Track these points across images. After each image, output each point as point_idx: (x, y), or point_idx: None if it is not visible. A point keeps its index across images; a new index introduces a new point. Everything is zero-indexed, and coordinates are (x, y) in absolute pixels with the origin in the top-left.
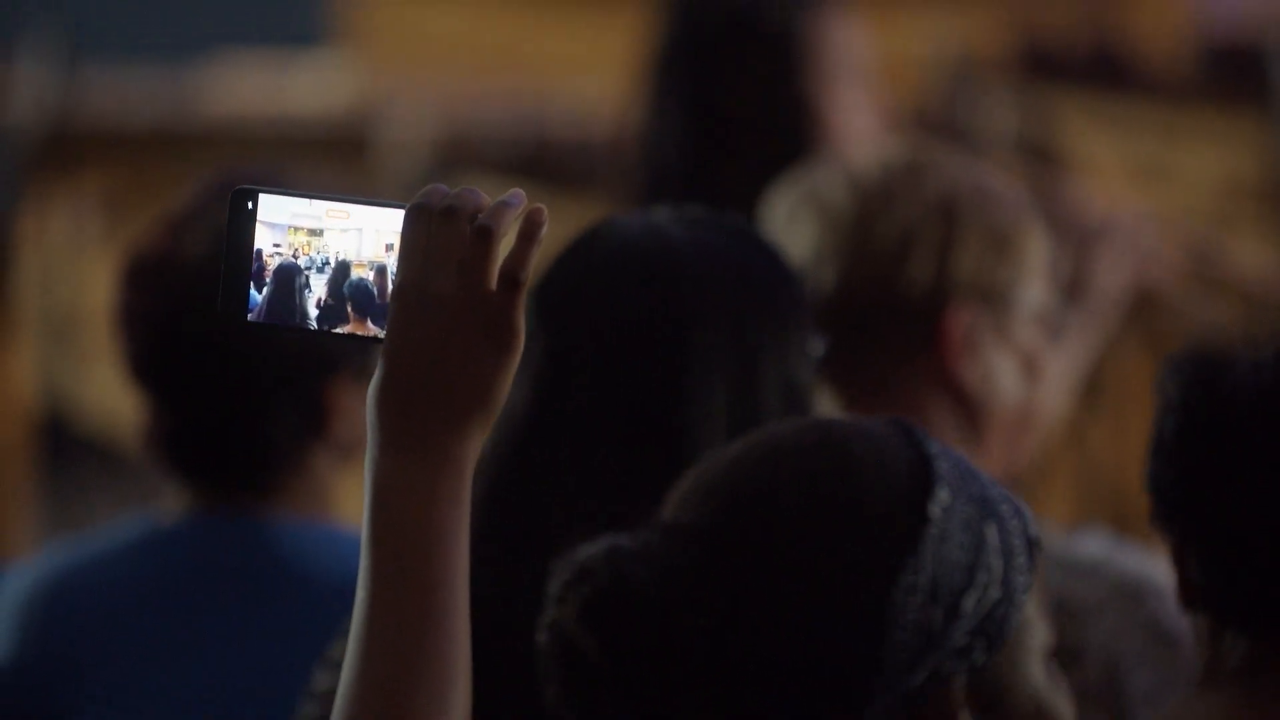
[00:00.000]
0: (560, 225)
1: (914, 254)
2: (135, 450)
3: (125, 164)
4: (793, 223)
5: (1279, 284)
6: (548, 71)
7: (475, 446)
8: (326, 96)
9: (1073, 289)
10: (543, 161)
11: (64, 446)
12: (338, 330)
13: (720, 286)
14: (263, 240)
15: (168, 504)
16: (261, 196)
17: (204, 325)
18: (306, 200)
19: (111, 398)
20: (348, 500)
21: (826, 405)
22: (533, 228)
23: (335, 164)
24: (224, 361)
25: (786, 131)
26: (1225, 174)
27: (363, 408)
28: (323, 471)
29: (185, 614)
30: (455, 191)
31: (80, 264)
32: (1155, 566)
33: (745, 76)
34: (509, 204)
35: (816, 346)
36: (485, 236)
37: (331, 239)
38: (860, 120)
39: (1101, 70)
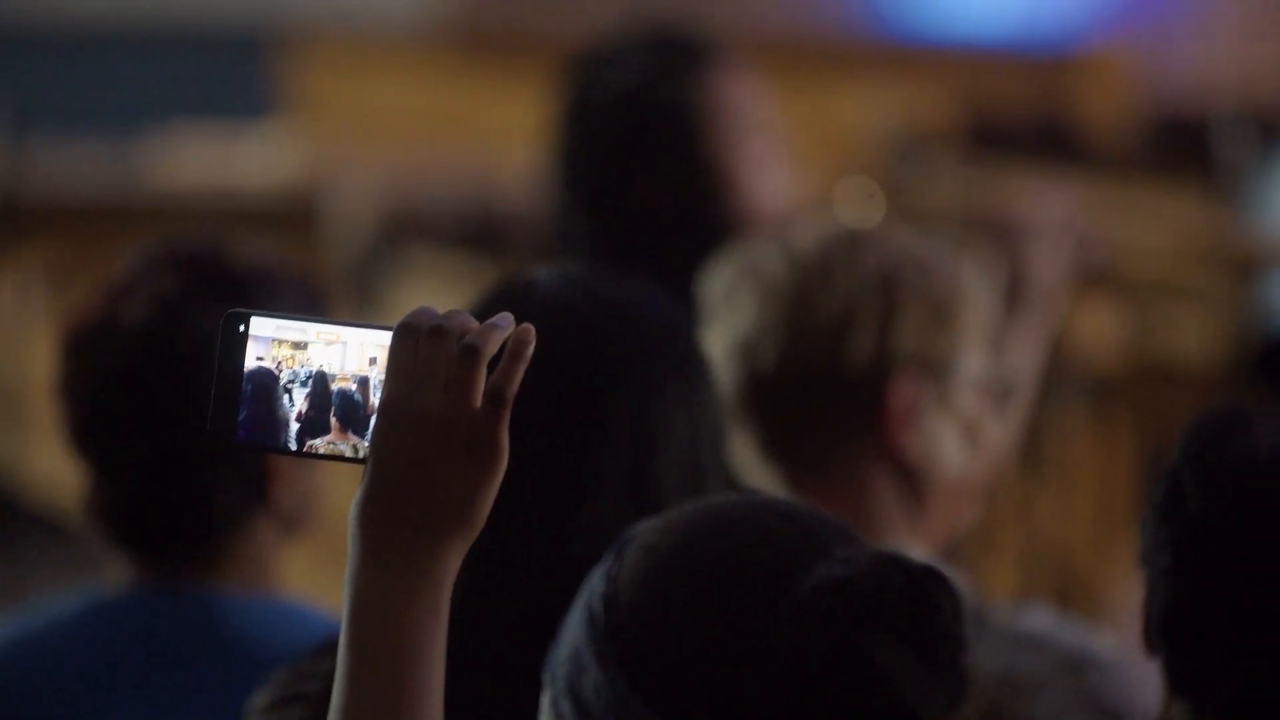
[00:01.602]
0: None
1: (855, 328)
2: (81, 523)
3: (72, 236)
4: (731, 299)
5: (1222, 356)
6: (495, 143)
7: (455, 561)
8: (273, 169)
9: (1013, 288)
10: (490, 233)
11: (10, 520)
12: (321, 452)
13: (627, 345)
14: (248, 353)
15: (112, 576)
16: (253, 318)
17: (146, 399)
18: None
19: (57, 470)
20: (292, 573)
21: (769, 482)
22: (520, 347)
23: (282, 236)
24: (164, 430)
25: (697, 204)
26: (1170, 247)
27: (306, 476)
28: (266, 542)
29: (129, 688)
30: (443, 312)
31: (26, 336)
32: (1099, 641)
33: (646, 161)
34: (497, 325)
35: (720, 410)
36: (472, 355)
37: (315, 352)
38: (771, 175)
39: (1047, 143)
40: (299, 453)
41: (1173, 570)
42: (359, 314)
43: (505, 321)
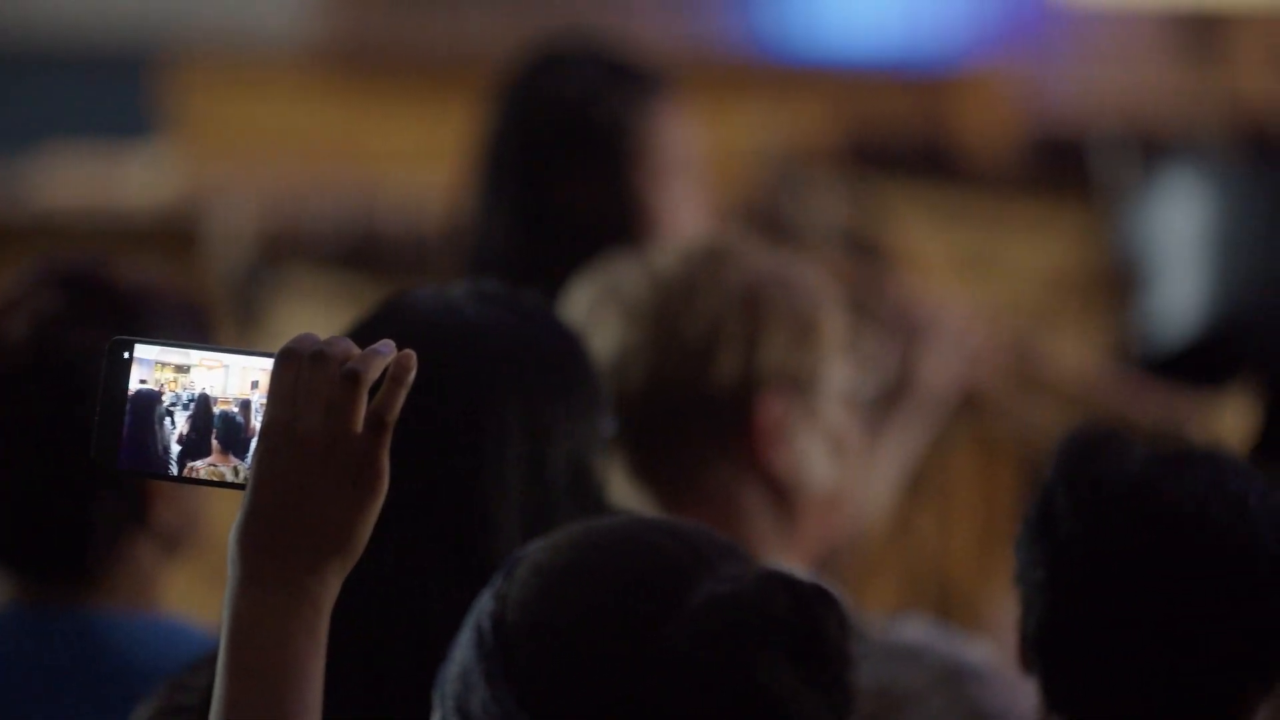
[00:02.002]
0: None
1: (720, 347)
2: None
3: None
4: (594, 319)
5: (1100, 376)
6: (376, 163)
7: (335, 584)
8: (154, 188)
9: (898, 384)
10: (371, 253)
11: None
12: (203, 475)
13: (512, 364)
14: (131, 378)
15: None
16: (136, 345)
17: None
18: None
19: None
20: (171, 592)
21: (639, 504)
22: (401, 372)
23: (164, 256)
24: (44, 449)
25: (615, 227)
26: (1049, 266)
27: (188, 496)
28: (147, 561)
29: (8, 708)
30: (325, 338)
31: None
32: (976, 652)
33: (574, 171)
34: (378, 351)
35: (608, 426)
36: (353, 381)
37: (198, 376)
38: (690, 216)
39: (928, 163)
40: (180, 477)
41: (1047, 588)
42: (240, 333)
43: (386, 348)
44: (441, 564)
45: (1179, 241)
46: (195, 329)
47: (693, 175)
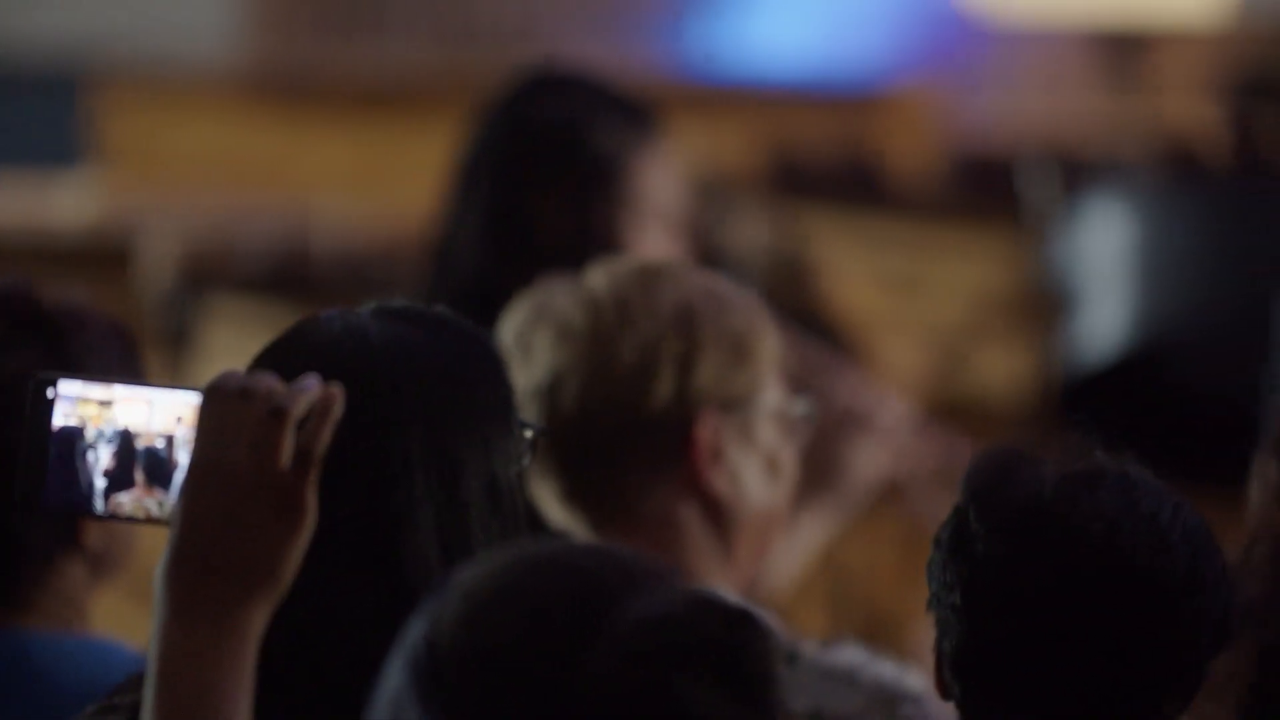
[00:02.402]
0: None
1: (656, 368)
2: None
3: None
4: (527, 339)
5: (1028, 394)
6: (306, 187)
7: (260, 618)
8: (84, 213)
9: (825, 468)
10: (300, 277)
11: None
12: (128, 510)
13: (418, 383)
14: (55, 413)
15: None
16: (60, 381)
17: None
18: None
19: None
20: (98, 612)
21: (572, 527)
22: (327, 407)
23: (92, 281)
24: None
25: (586, 258)
26: (975, 288)
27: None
28: (78, 583)
29: None
30: (251, 375)
31: None
32: (909, 674)
33: (556, 195)
34: (303, 387)
35: (527, 443)
36: (278, 416)
37: (122, 410)
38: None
39: (853, 185)
40: (105, 514)
41: (962, 611)
42: (169, 359)
43: (312, 383)
44: (357, 589)
45: (1104, 263)
46: (123, 352)
47: (672, 225)
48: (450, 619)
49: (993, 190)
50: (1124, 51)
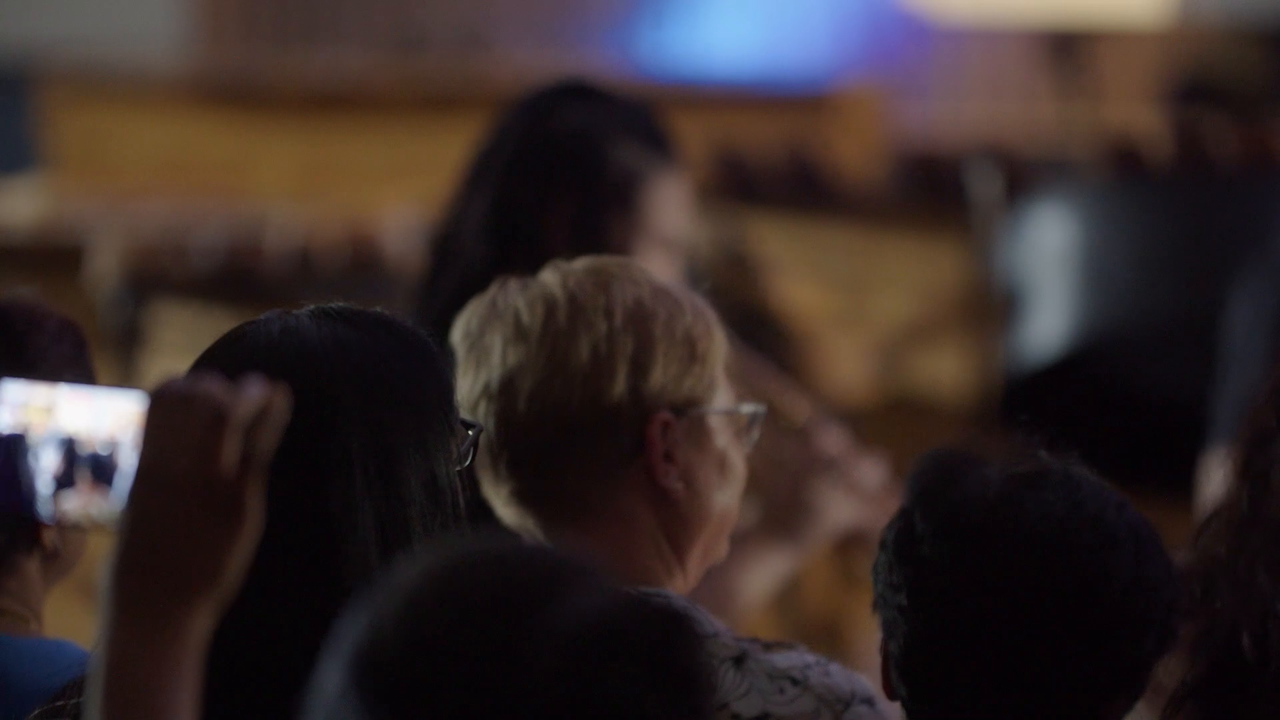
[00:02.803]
0: None
1: (609, 369)
2: None
3: None
4: (480, 340)
5: (973, 394)
6: (258, 193)
7: (204, 620)
8: (34, 216)
9: (800, 510)
10: (248, 280)
11: None
12: (73, 514)
13: (356, 384)
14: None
15: None
16: (3, 384)
17: None
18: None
19: None
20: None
21: (524, 527)
22: (272, 410)
23: (41, 283)
24: None
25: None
26: (920, 287)
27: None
28: (34, 583)
29: None
30: (194, 378)
31: None
32: (858, 677)
33: (566, 203)
34: (248, 390)
35: (465, 440)
36: (220, 420)
37: (65, 414)
38: None
39: (799, 185)
40: (51, 518)
41: (909, 612)
42: (119, 362)
43: (256, 386)
44: (297, 589)
45: (1049, 263)
46: (75, 351)
47: (673, 257)
48: (391, 618)
49: (938, 190)
50: (1067, 51)
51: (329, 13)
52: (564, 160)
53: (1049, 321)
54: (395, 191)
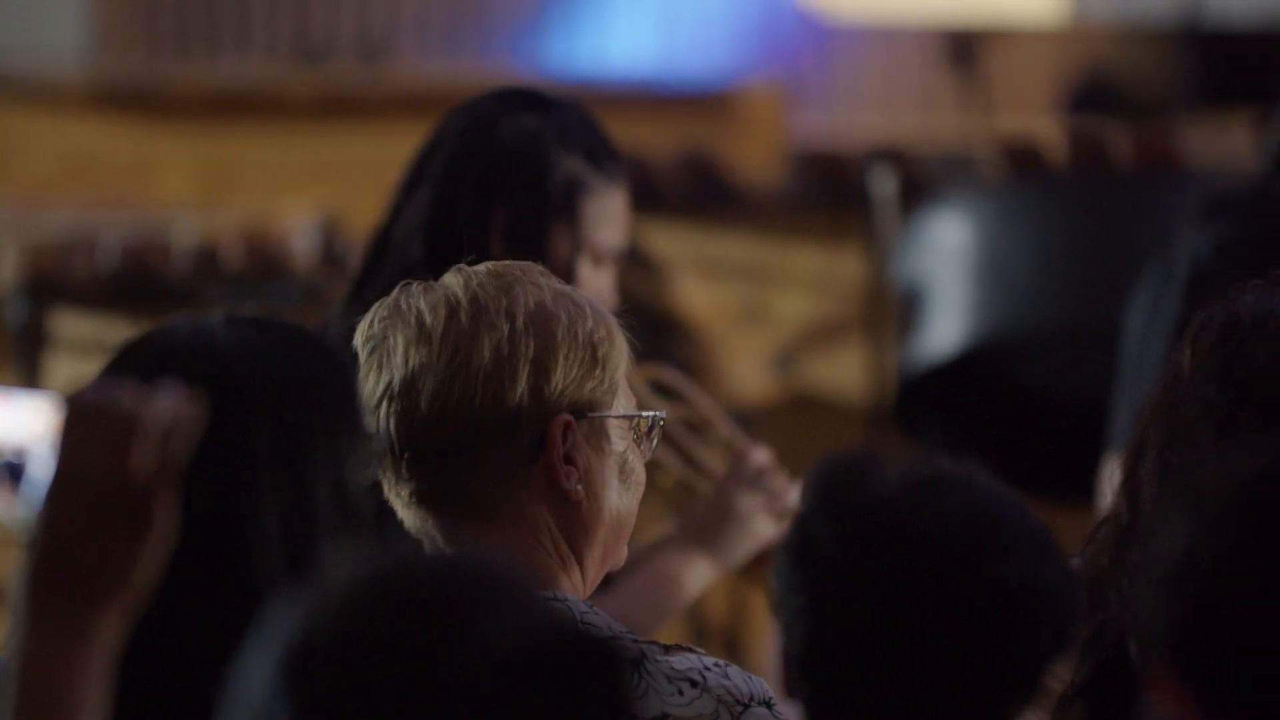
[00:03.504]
0: None
1: (511, 371)
2: None
3: None
4: (383, 345)
5: (870, 395)
6: (158, 196)
7: (114, 624)
8: None
9: (714, 523)
10: (150, 285)
11: None
12: None
13: (264, 390)
14: None
15: None
16: None
17: None
18: None
19: None
20: None
21: (425, 530)
22: (183, 418)
23: None
24: None
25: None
26: (818, 287)
27: None
28: None
29: None
30: (109, 386)
31: None
32: (756, 679)
33: (506, 209)
34: (159, 397)
35: (376, 449)
36: (132, 428)
37: None
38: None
39: (697, 186)
40: None
41: (809, 613)
42: (17, 366)
43: (170, 393)
44: (204, 594)
45: (946, 264)
46: None
47: (609, 270)
48: (325, 622)
49: (836, 192)
50: (965, 52)
51: (232, 21)
52: (509, 165)
53: (946, 323)
54: (297, 196)
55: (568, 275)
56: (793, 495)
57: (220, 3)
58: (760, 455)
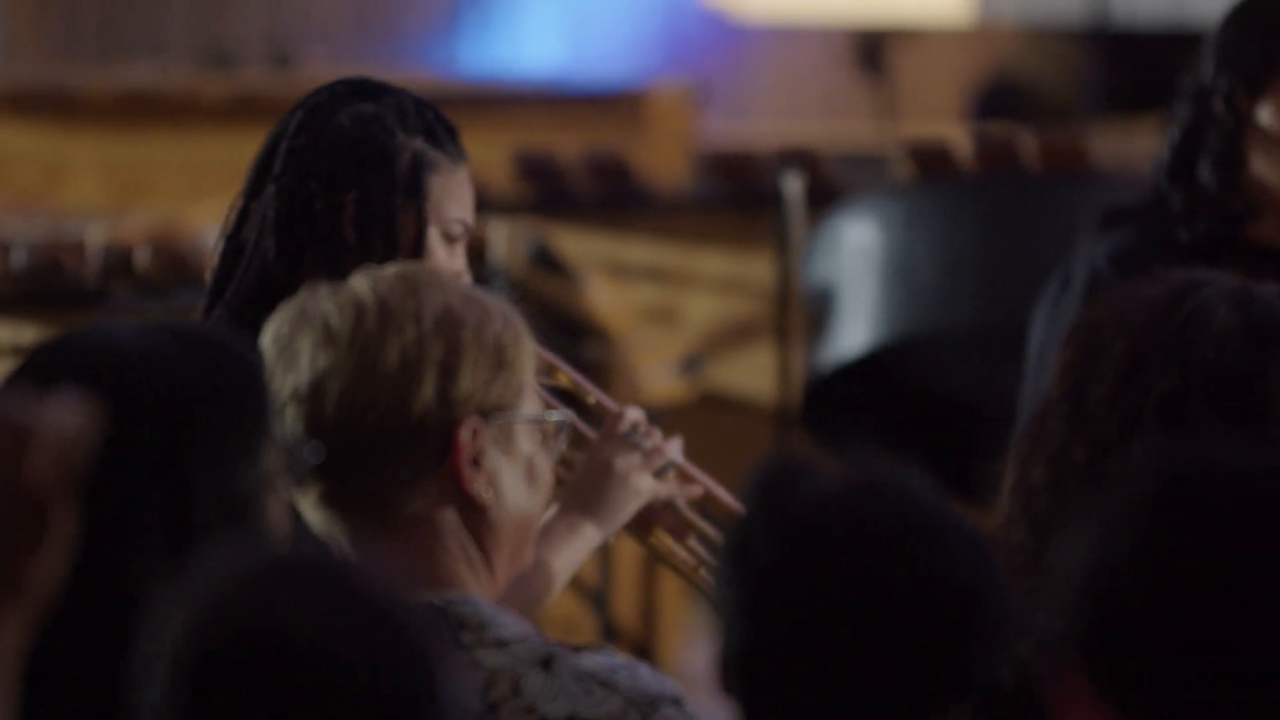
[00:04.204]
0: None
1: (417, 375)
2: None
3: None
4: (290, 348)
5: (778, 397)
6: (70, 203)
7: (15, 632)
8: None
9: (589, 483)
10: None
11: None
12: None
13: (165, 396)
14: None
15: None
16: None
17: None
18: None
19: None
20: None
21: (333, 532)
22: (82, 429)
23: None
24: None
25: (374, 260)
26: (727, 288)
27: None
28: None
29: None
30: (5, 395)
31: None
32: (666, 678)
33: (353, 197)
34: (53, 404)
35: (279, 454)
36: (26, 438)
37: None
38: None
39: (606, 189)
40: None
41: (748, 613)
42: None
43: (63, 402)
44: (88, 598)
45: (856, 266)
46: None
47: (460, 248)
48: (212, 620)
49: (744, 193)
50: (872, 53)
51: (143, 28)
52: (352, 152)
53: (855, 325)
54: (208, 199)
55: (421, 255)
56: (671, 449)
57: (134, 8)
58: (633, 413)
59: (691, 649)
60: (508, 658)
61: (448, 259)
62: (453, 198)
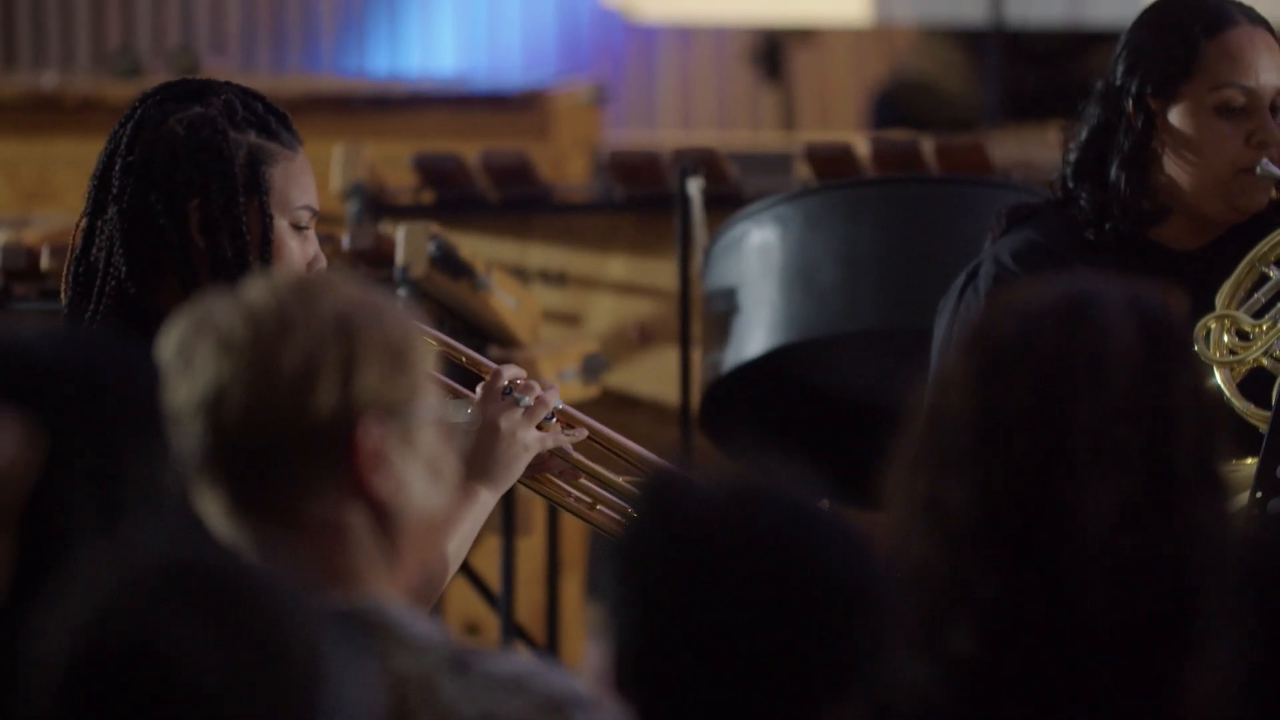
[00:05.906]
0: None
1: (317, 377)
2: None
3: None
4: (188, 356)
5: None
6: None
7: None
8: None
9: (476, 443)
10: None
11: None
12: None
13: (78, 402)
14: None
15: None
16: None
17: None
18: None
19: None
20: None
21: (238, 539)
22: (19, 460)
23: None
24: None
25: (230, 263)
26: (630, 289)
27: None
28: None
29: None
30: None
31: None
32: (577, 681)
33: (195, 202)
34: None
35: (175, 459)
36: None
37: None
38: (294, 260)
39: (510, 191)
40: None
41: (640, 616)
42: None
43: (6, 433)
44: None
45: (757, 268)
46: None
47: (311, 236)
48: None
49: (646, 195)
50: (771, 53)
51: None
52: (189, 157)
53: (755, 327)
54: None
55: (272, 249)
56: (551, 397)
57: (41, 16)
58: (509, 370)
59: (593, 649)
60: (419, 662)
61: (300, 248)
62: (295, 185)
